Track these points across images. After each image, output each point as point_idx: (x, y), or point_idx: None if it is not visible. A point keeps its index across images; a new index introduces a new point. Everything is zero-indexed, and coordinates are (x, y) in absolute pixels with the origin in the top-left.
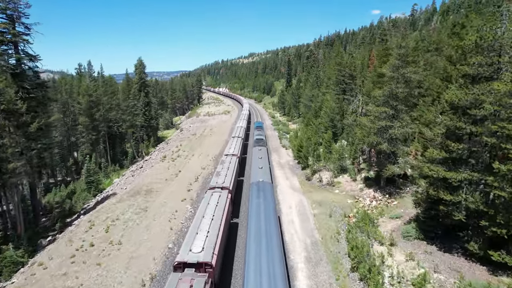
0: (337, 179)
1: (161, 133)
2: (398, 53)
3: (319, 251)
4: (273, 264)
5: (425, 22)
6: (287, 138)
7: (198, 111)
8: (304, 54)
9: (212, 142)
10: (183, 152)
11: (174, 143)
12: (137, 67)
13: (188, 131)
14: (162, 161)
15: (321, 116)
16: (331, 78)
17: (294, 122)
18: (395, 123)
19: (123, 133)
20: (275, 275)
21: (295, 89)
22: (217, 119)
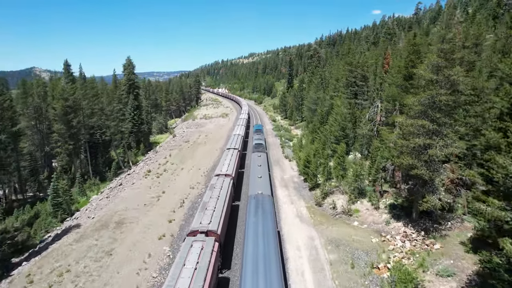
0: (354, 205)
1: (154, 138)
2: (441, 49)
3: None
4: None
5: (431, 21)
6: (290, 147)
7: (195, 114)
8: (305, 54)
9: (205, 152)
10: (171, 165)
11: (163, 153)
12: (125, 67)
13: (182, 137)
14: (145, 177)
15: (330, 124)
16: (340, 79)
17: (297, 127)
18: (436, 140)
19: (107, 140)
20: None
21: (297, 91)
22: (214, 122)
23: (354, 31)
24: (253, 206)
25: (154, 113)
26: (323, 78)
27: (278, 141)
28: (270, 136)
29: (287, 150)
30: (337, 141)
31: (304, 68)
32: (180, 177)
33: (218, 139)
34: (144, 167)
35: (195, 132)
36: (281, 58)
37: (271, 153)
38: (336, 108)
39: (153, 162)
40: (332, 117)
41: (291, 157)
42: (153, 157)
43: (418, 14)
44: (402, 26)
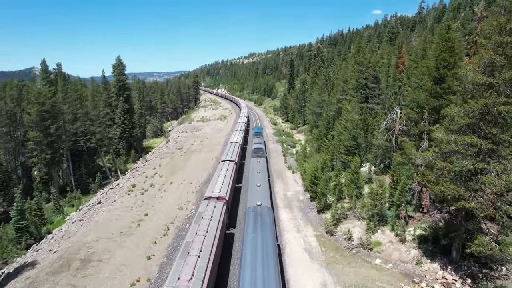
0: (374, 236)
1: (147, 142)
2: (500, 43)
3: None
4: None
5: (435, 20)
6: (292, 155)
7: (192, 116)
8: (306, 53)
9: (199, 162)
10: (160, 179)
11: (153, 162)
12: (115, 68)
13: (175, 142)
14: (128, 194)
15: (339, 131)
16: (349, 81)
17: (299, 131)
18: (491, 164)
19: (92, 148)
20: None
21: (299, 92)
22: (212, 126)
23: (355, 31)
24: (251, 220)
25: (149, 115)
26: (328, 79)
27: (279, 148)
28: (271, 142)
29: (289, 159)
30: (347, 151)
31: (305, 68)
32: (168, 193)
33: (214, 145)
34: (129, 179)
35: (190, 137)
36: (282, 58)
37: (272, 162)
38: (345, 113)
39: (140, 174)
40: (341, 124)
41: (294, 168)
42: (142, 167)
43: (421, 13)
44: (406, 26)
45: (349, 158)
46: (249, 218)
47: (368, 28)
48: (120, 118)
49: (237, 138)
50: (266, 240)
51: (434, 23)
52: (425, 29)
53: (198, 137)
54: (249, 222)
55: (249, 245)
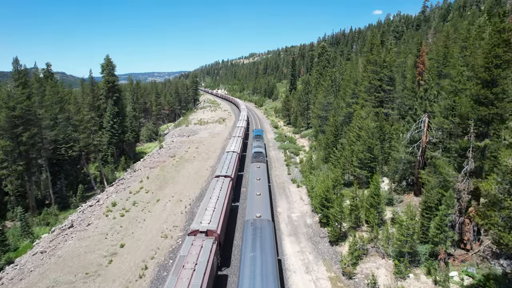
0: (406, 282)
1: (141, 147)
2: None
3: None
4: None
5: (440, 18)
6: (296, 164)
7: (190, 118)
8: (308, 53)
9: (193, 173)
10: (145, 195)
11: (141, 173)
12: (104, 68)
13: (168, 149)
14: (107, 215)
15: (350, 140)
16: (360, 82)
17: (302, 135)
18: None
19: (74, 157)
20: None
21: (302, 94)
22: (209, 129)
23: (358, 30)
24: (249, 235)
25: (144, 118)
26: (334, 80)
27: (281, 156)
28: (272, 149)
29: (293, 169)
30: (361, 164)
31: (307, 68)
32: (153, 215)
33: (211, 153)
34: (111, 195)
35: (185, 143)
36: (283, 58)
37: (274, 173)
38: (358, 120)
39: (124, 189)
40: (353, 132)
41: (299, 181)
42: (128, 178)
43: (425, 12)
44: (410, 25)
45: (363, 172)
46: (247, 234)
47: (371, 27)
48: (109, 123)
49: (234, 146)
50: (266, 261)
51: (439, 22)
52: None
53: (194, 143)
54: (247, 238)
55: (247, 268)
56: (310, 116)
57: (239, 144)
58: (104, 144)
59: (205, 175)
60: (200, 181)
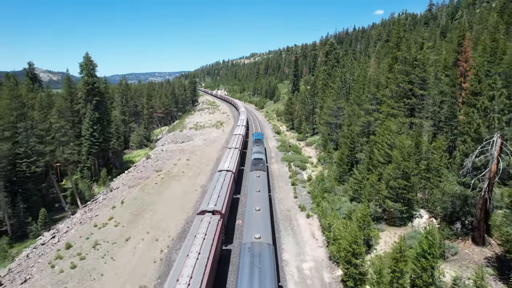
0: None
1: (130, 155)
2: None
3: None
4: None
5: (448, 16)
6: (304, 183)
7: (185, 122)
8: (310, 53)
9: (177, 196)
10: (114, 229)
11: (116, 195)
12: (83, 67)
13: (156, 160)
14: (53, 265)
15: (376, 160)
16: (383, 84)
17: (308, 143)
18: None
19: (38, 173)
20: None
21: (308, 97)
22: (205, 135)
23: (361, 29)
24: (246, 265)
25: (134, 122)
26: (344, 81)
27: (285, 170)
28: (275, 161)
29: (300, 190)
30: (395, 195)
31: (309, 68)
32: (115, 266)
33: (203, 166)
34: (73, 227)
35: (175, 152)
36: (284, 57)
37: (277, 196)
38: (386, 134)
39: (91, 218)
40: (381, 150)
41: (309, 209)
42: (101, 201)
43: (431, 10)
44: (417, 23)
45: (396, 206)
46: (244, 263)
47: (375, 26)
48: (88, 130)
49: (229, 161)
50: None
51: (448, 20)
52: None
53: (186, 152)
54: (244, 269)
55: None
56: (316, 122)
57: (236, 158)
58: (83, 154)
59: (192, 199)
60: (186, 207)
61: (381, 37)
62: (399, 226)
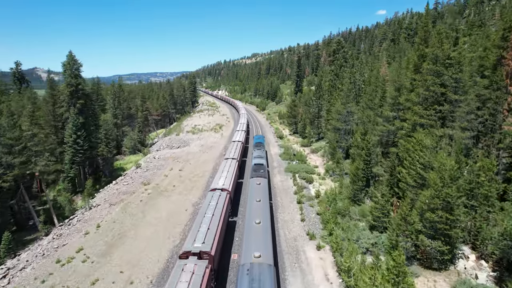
0: None
1: (122, 161)
2: None
3: None
4: None
5: (456, 14)
6: (311, 201)
7: (183, 125)
8: (313, 53)
9: (164, 219)
10: (80, 266)
11: (93, 216)
12: (66, 67)
13: (146, 170)
14: None
15: (407, 182)
16: (408, 88)
17: (314, 150)
18: None
19: (5, 188)
20: None
21: (313, 99)
22: (203, 139)
23: (365, 29)
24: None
25: (128, 126)
26: (354, 83)
27: (290, 184)
28: (277, 171)
29: (308, 210)
30: (431, 230)
31: (312, 68)
32: None
33: (197, 178)
34: (31, 263)
35: (168, 160)
36: (286, 57)
37: (281, 217)
38: (418, 150)
39: (56, 248)
40: (411, 170)
41: (319, 237)
42: (74, 224)
43: (437, 9)
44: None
45: (435, 244)
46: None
47: (379, 25)
48: (71, 137)
49: (225, 176)
50: None
51: (456, 19)
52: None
53: (179, 161)
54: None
55: None
56: (322, 126)
57: (233, 171)
58: (66, 163)
59: (181, 222)
60: (173, 234)
61: (386, 36)
62: (438, 269)
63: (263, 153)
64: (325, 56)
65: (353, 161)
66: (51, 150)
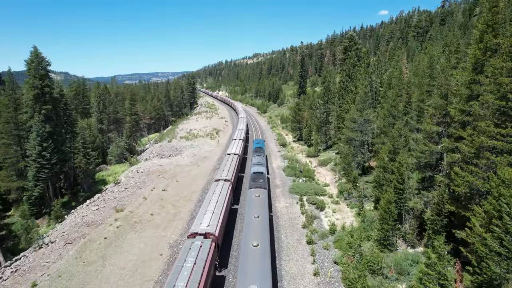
0: None
1: (105, 172)
2: None
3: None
4: None
5: (466, 13)
6: (325, 242)
7: (178, 129)
8: (316, 52)
9: (130, 269)
10: None
11: (34, 266)
12: (29, 65)
13: (124, 188)
14: None
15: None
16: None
17: (322, 162)
18: None
19: None
20: None
21: (320, 103)
22: (196, 147)
23: (370, 28)
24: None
25: (116, 131)
26: (371, 85)
27: (296, 211)
28: (281, 193)
29: (323, 257)
30: None
31: (315, 68)
32: None
33: (183, 202)
34: None
35: (152, 176)
36: (289, 57)
37: (286, 268)
38: (509, 197)
39: None
40: (496, 232)
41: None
42: (4, 281)
43: (444, 7)
44: (431, 21)
45: None
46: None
47: (384, 24)
48: (35, 148)
49: (212, 211)
50: None
51: (466, 16)
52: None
53: (165, 177)
54: None
55: None
56: (330, 133)
57: (223, 204)
58: (30, 180)
59: (150, 279)
60: None
61: (394, 35)
62: None
63: (263, 160)
64: (329, 55)
65: (378, 187)
66: (13, 164)
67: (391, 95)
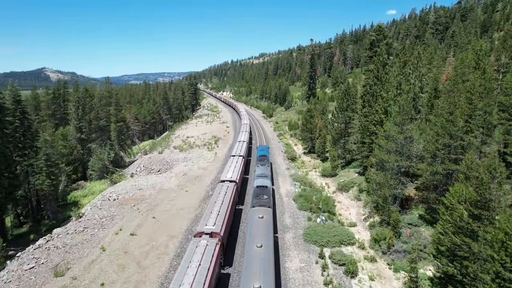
0: None
1: (82, 191)
2: None
3: None
4: None
5: (486, 8)
6: None
7: (174, 136)
8: (324, 52)
9: None
10: None
11: None
12: None
13: (83, 227)
14: None
15: None
16: None
17: (342, 186)
18: None
19: None
20: None
21: (338, 110)
22: (190, 161)
23: None
24: None
25: (100, 139)
26: (413, 91)
27: (316, 275)
28: (292, 239)
29: None
30: None
31: (324, 69)
32: None
33: (152, 259)
34: None
35: (123, 208)
36: (296, 57)
37: None
38: None
39: None
40: None
41: None
42: None
43: (461, 3)
44: (451, 17)
45: None
46: None
47: (396, 23)
48: None
49: (218, 217)
50: None
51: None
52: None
53: (140, 209)
54: None
55: None
56: (351, 147)
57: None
58: None
59: None
60: None
61: (410, 33)
62: None
63: (268, 171)
64: (338, 54)
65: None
66: None
67: (443, 104)
